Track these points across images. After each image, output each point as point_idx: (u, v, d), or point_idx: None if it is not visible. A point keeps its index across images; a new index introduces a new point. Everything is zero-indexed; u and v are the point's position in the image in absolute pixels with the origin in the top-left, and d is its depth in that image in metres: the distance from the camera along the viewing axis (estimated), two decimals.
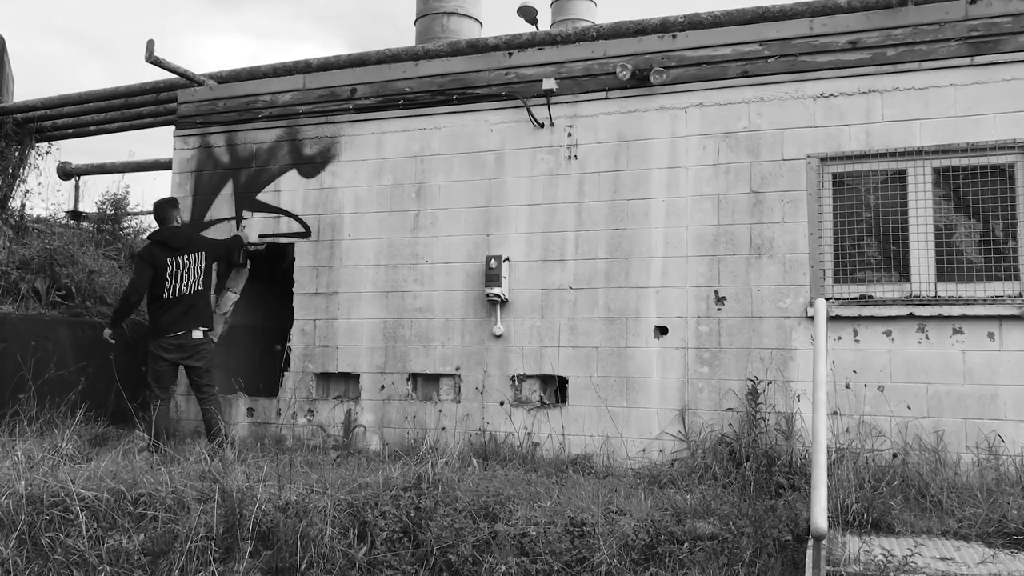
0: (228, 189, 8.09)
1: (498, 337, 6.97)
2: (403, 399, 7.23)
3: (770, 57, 6.49)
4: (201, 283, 7.08)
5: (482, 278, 7.00)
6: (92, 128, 10.33)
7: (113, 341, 7.27)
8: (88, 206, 11.78)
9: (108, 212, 10.95)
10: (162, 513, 4.80)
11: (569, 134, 6.97)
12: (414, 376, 7.27)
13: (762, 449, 5.87)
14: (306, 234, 7.69)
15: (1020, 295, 5.77)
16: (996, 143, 5.87)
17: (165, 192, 10.96)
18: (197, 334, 6.99)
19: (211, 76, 8.39)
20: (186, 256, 7.02)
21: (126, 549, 4.59)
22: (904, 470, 5.47)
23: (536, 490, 5.27)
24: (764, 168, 6.41)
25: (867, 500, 4.81)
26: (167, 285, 6.92)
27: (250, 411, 7.70)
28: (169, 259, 6.95)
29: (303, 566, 4.47)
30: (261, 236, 7.87)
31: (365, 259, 7.47)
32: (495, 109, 7.22)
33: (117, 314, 7.17)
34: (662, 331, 6.54)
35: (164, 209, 7.27)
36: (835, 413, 5.97)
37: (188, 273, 7.00)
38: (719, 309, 6.41)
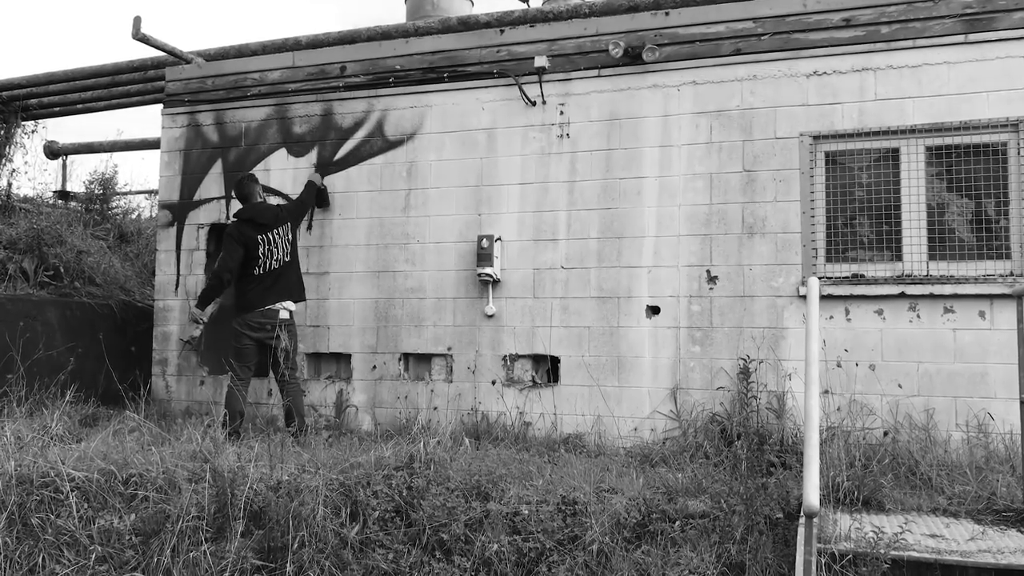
0: (217, 168, 8.02)
1: (490, 317, 6.95)
2: (395, 379, 7.22)
3: (763, 35, 6.45)
4: (289, 254, 6.91)
5: (474, 258, 6.97)
6: (79, 106, 10.23)
7: (204, 321, 7.10)
8: (76, 186, 11.70)
9: (96, 192, 10.87)
10: (153, 493, 4.79)
11: (561, 112, 6.92)
12: (406, 356, 7.26)
13: (753, 428, 5.90)
14: None
15: (1011, 274, 5.78)
16: (989, 121, 5.86)
17: (154, 171, 10.88)
18: (284, 314, 6.76)
19: (199, 53, 8.29)
20: (276, 231, 6.84)
21: (117, 529, 4.58)
22: (895, 448, 5.50)
23: (528, 469, 5.28)
24: (757, 147, 6.38)
25: (858, 478, 4.83)
26: (259, 262, 6.75)
27: None
28: (260, 237, 6.76)
29: (295, 545, 4.46)
30: None
31: (356, 239, 7.43)
32: (486, 87, 7.16)
33: (206, 294, 6.97)
34: (654, 310, 6.54)
35: (246, 186, 7.02)
36: (826, 392, 5.99)
37: (278, 247, 6.82)
38: (711, 288, 6.40)
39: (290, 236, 6.94)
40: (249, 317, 6.73)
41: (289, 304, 6.85)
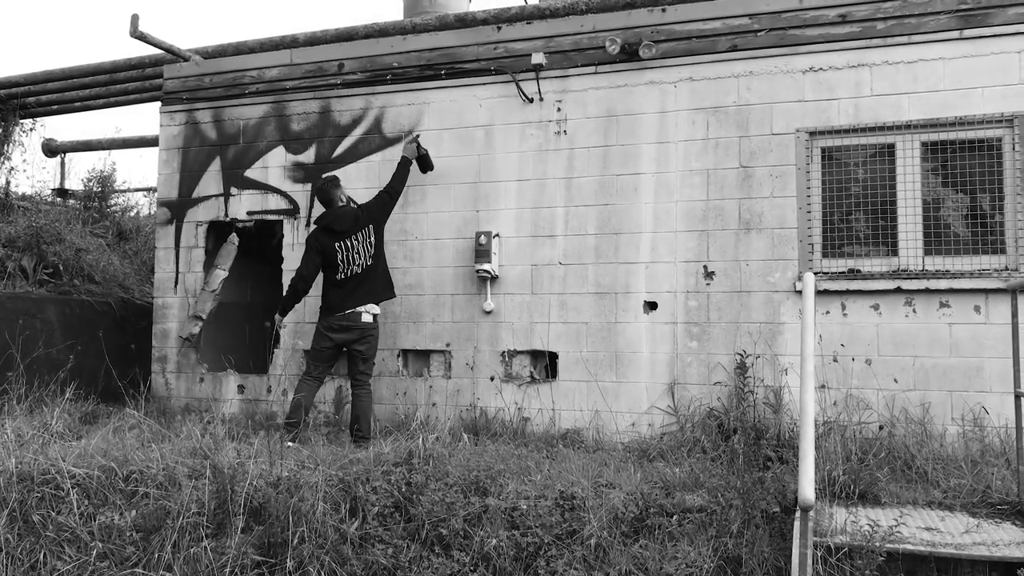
0: (216, 166, 8.03)
1: (488, 313, 6.98)
2: (393, 375, 7.25)
3: (760, 31, 6.47)
4: (371, 257, 6.64)
5: (472, 254, 6.99)
6: (77, 104, 10.25)
7: (283, 327, 7.19)
8: (74, 183, 11.72)
9: (94, 189, 10.89)
10: (153, 490, 4.82)
11: (558, 109, 6.94)
12: (404, 352, 7.28)
13: (750, 422, 5.92)
14: (294, 211, 7.65)
15: (1007, 268, 5.81)
16: (984, 117, 5.88)
17: (152, 168, 10.88)
18: (367, 317, 6.55)
19: (197, 51, 8.30)
20: (354, 237, 6.61)
21: (118, 526, 4.61)
22: (890, 442, 5.53)
23: (526, 464, 5.31)
24: (753, 143, 6.41)
25: (854, 472, 4.86)
26: (340, 268, 6.56)
27: (240, 388, 7.71)
28: (337, 244, 6.56)
29: (295, 541, 4.49)
30: (249, 213, 7.84)
31: None
32: (484, 84, 7.17)
33: (285, 302, 6.85)
34: (651, 306, 6.56)
35: (327, 191, 6.75)
36: (823, 386, 6.02)
37: (359, 253, 6.59)
38: (708, 284, 6.43)
39: (372, 238, 6.67)
40: (331, 320, 6.59)
41: (373, 308, 6.63)
